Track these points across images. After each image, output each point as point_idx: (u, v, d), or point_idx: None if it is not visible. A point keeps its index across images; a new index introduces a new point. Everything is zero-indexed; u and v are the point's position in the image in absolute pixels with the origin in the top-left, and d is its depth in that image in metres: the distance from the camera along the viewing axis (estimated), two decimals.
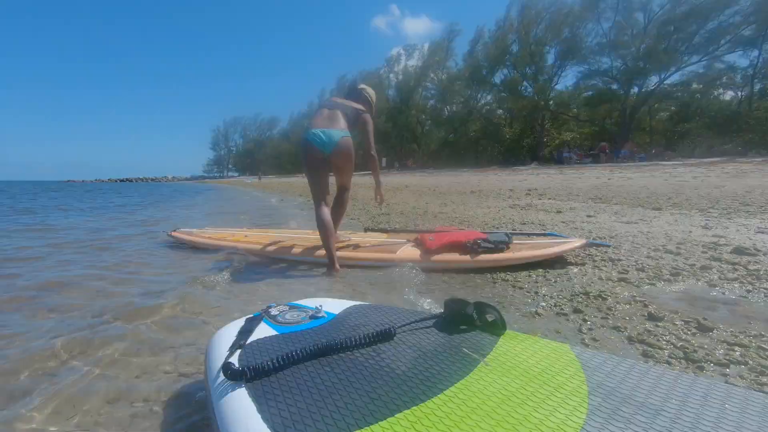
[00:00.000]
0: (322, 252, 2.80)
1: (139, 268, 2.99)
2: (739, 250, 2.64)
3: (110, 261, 3.22)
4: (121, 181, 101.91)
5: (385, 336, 1.05)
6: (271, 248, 3.16)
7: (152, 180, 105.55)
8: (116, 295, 2.27)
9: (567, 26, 31.92)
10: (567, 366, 0.89)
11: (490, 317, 1.11)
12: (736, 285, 2.02)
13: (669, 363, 1.27)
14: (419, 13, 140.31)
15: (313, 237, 3.45)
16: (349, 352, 0.99)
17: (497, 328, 1.08)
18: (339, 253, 2.87)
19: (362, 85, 3.18)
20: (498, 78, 38.12)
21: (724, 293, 1.93)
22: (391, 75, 52.37)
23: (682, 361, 1.28)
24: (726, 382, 1.14)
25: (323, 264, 2.78)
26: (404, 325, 1.11)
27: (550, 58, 34.35)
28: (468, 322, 1.11)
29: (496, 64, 37.13)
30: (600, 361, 0.91)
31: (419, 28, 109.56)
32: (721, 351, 1.33)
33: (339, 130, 2.80)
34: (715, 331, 1.48)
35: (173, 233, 3.77)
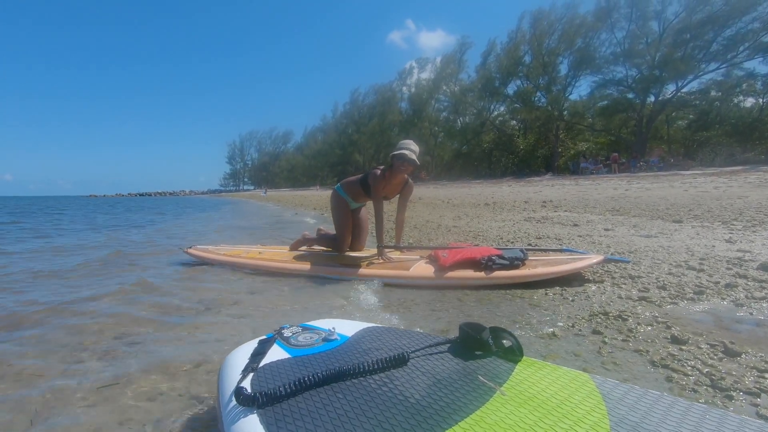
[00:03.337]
0: (334, 269, 2.99)
1: (152, 286, 3.02)
2: (766, 266, 2.54)
3: (126, 278, 3.28)
4: (140, 195, 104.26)
5: (399, 361, 1.03)
6: (283, 265, 3.17)
7: (170, 194, 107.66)
8: (128, 314, 2.29)
9: (580, 36, 31.73)
10: (587, 397, 0.86)
11: (506, 343, 1.09)
12: (764, 304, 1.94)
13: (695, 391, 1.22)
14: (434, 27, 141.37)
15: (324, 253, 3.46)
16: (362, 378, 0.98)
17: (514, 354, 1.05)
18: (353, 270, 2.90)
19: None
20: (511, 89, 38.08)
21: (751, 313, 1.85)
22: (404, 88, 52.86)
23: (709, 389, 1.23)
24: (758, 414, 1.09)
25: (336, 280, 2.87)
26: (418, 350, 1.09)
27: (564, 68, 34.16)
28: (484, 348, 1.08)
29: (508, 76, 37.12)
30: (622, 393, 0.88)
31: (434, 42, 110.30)
32: (751, 378, 1.27)
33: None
34: (743, 355, 1.42)
35: (189, 250, 3.82)
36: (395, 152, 3.09)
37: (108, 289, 2.88)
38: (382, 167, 3.20)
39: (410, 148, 3.09)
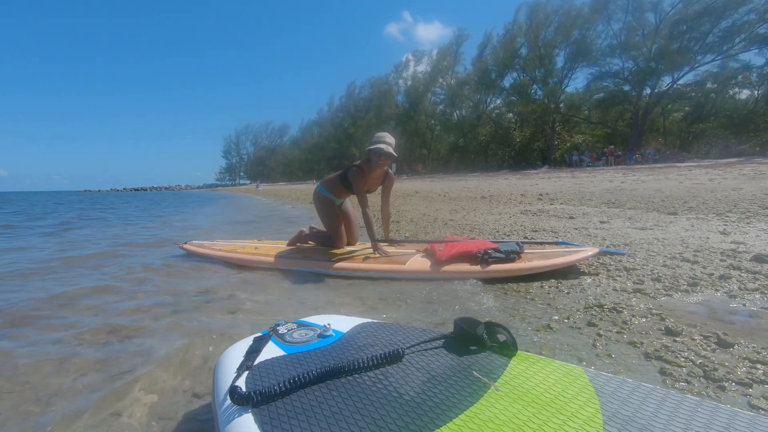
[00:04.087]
0: (330, 264, 2.95)
1: (147, 282, 3.01)
2: (759, 258, 2.56)
3: (121, 273, 3.26)
4: (136, 190, 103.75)
5: (394, 358, 1.03)
6: (280, 260, 3.16)
7: (166, 189, 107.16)
8: (124, 310, 2.28)
9: (576, 28, 31.64)
10: (581, 392, 0.87)
11: (501, 337, 1.09)
12: (757, 296, 1.96)
13: (688, 382, 1.23)
14: (432, 19, 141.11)
15: (320, 249, 3.45)
16: (357, 375, 0.98)
17: (508, 349, 1.05)
18: (349, 265, 2.89)
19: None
20: (507, 82, 38.03)
21: (744, 305, 1.86)
22: (400, 81, 52.62)
23: (702, 380, 1.24)
24: (749, 405, 1.10)
25: (333, 275, 2.85)
26: (413, 346, 1.09)
27: (560, 61, 34.10)
28: (478, 343, 1.08)
29: (505, 68, 37.03)
30: (615, 386, 0.88)
31: (432, 34, 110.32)
32: (743, 369, 1.28)
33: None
34: (736, 346, 1.43)
35: (184, 245, 3.80)
36: (371, 146, 3.09)
37: (102, 285, 2.86)
38: (358, 162, 3.21)
39: (386, 141, 3.08)
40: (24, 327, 2.05)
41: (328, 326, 1.27)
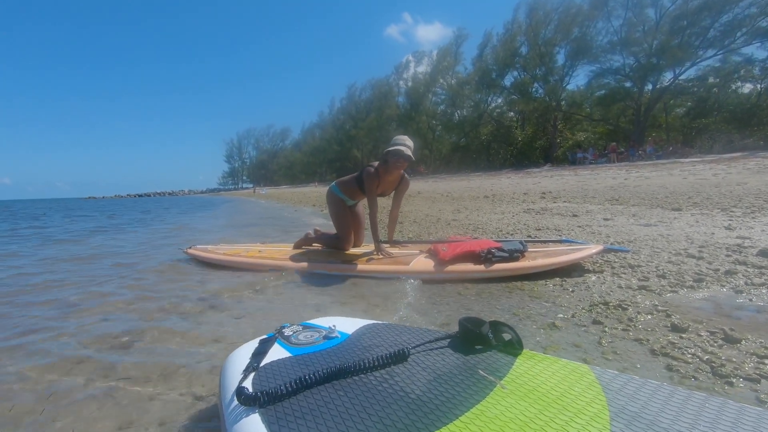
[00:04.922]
0: (335, 266, 2.97)
1: (151, 286, 3.03)
2: (765, 253, 2.54)
3: (124, 278, 3.28)
4: (139, 196, 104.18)
5: (399, 358, 1.03)
6: (284, 263, 3.17)
7: (169, 194, 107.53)
8: (127, 315, 2.30)
9: (576, 25, 31.56)
10: (587, 389, 0.86)
11: (506, 336, 1.09)
12: (763, 290, 1.95)
13: (695, 378, 1.23)
14: (432, 19, 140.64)
15: (324, 250, 3.46)
16: (363, 375, 0.98)
17: (514, 348, 1.05)
18: (354, 266, 2.90)
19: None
20: (508, 80, 37.98)
21: (751, 300, 1.85)
22: (401, 82, 52.63)
23: (709, 375, 1.23)
24: (757, 400, 1.09)
25: (337, 277, 2.86)
26: (418, 346, 1.09)
27: (561, 59, 34.01)
28: (483, 342, 1.08)
29: (505, 67, 36.98)
30: (622, 383, 0.88)
31: (432, 35, 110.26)
32: (751, 364, 1.27)
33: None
34: (743, 342, 1.42)
35: (189, 250, 3.82)
36: (390, 148, 3.08)
37: (107, 290, 2.88)
38: (375, 164, 3.18)
39: (405, 144, 3.07)
40: (24, 330, 2.06)
41: (333, 328, 1.27)
